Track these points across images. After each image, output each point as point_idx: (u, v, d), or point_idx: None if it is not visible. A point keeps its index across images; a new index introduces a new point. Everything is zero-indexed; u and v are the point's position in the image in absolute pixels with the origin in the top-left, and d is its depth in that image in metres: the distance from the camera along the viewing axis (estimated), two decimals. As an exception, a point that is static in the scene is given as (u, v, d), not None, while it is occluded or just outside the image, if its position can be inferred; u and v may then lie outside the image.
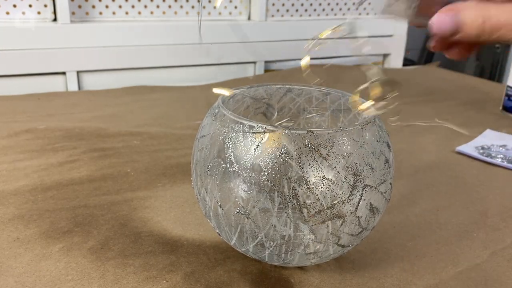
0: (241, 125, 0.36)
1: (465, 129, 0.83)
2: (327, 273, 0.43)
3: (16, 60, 0.97)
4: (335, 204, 0.36)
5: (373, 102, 0.35)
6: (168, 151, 0.70)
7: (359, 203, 0.36)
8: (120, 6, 1.07)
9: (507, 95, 0.94)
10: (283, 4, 1.23)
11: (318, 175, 0.35)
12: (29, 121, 0.79)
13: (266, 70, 1.24)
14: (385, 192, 0.39)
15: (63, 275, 0.41)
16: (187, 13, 1.14)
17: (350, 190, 0.36)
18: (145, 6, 1.09)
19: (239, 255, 0.45)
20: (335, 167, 0.35)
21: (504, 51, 1.83)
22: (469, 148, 0.74)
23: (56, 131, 0.74)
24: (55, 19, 1.00)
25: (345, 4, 1.32)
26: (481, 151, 0.73)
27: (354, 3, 1.33)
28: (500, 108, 0.96)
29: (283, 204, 0.35)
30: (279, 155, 0.35)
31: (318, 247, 0.38)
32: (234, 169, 0.36)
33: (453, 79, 1.20)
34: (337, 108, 0.48)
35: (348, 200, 0.36)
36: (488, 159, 0.70)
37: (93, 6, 1.04)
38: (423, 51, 2.17)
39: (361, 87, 0.34)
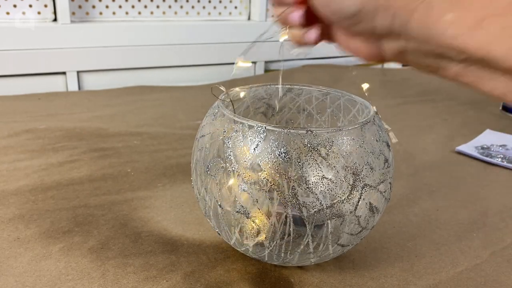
0: (241, 125, 0.36)
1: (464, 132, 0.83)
2: (327, 272, 0.43)
3: (16, 60, 0.97)
4: (334, 204, 0.36)
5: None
6: (168, 151, 0.70)
7: (358, 202, 0.36)
8: (120, 6, 1.07)
9: (507, 95, 0.94)
10: (283, 4, 1.23)
11: (317, 174, 0.35)
12: (30, 121, 0.79)
13: (266, 70, 1.24)
14: (384, 192, 0.39)
15: (63, 275, 0.41)
16: (187, 13, 1.14)
17: (350, 189, 0.36)
18: (145, 6, 1.09)
19: (239, 255, 0.45)
20: (334, 167, 0.35)
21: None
22: (469, 148, 0.74)
23: (57, 131, 0.74)
24: (55, 19, 1.00)
25: (345, 4, 1.32)
26: (481, 151, 0.73)
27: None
28: (500, 108, 0.96)
29: (283, 204, 0.35)
30: (279, 155, 0.35)
31: (317, 246, 0.38)
32: (234, 168, 0.36)
33: (453, 79, 1.19)
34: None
35: (348, 200, 0.36)
36: (488, 159, 0.70)
37: (93, 6, 1.04)
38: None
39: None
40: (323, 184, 0.35)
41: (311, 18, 0.35)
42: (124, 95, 0.99)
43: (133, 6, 1.08)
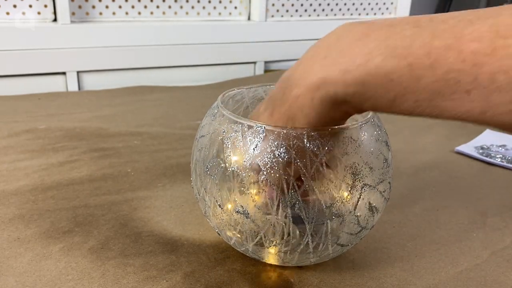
0: (240, 125, 0.36)
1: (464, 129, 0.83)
2: (326, 272, 0.43)
3: (16, 60, 0.97)
4: (334, 203, 0.36)
5: None
6: (168, 151, 0.70)
7: (358, 202, 0.36)
8: (120, 7, 1.07)
9: (507, 95, 0.94)
10: (283, 4, 1.23)
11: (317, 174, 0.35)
12: (30, 121, 0.79)
13: (266, 70, 1.24)
14: (384, 192, 0.39)
15: (63, 275, 0.41)
16: (187, 13, 1.14)
17: (349, 189, 0.36)
18: (145, 7, 1.09)
19: (238, 255, 0.45)
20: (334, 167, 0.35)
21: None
22: (468, 148, 0.74)
23: (57, 131, 0.74)
24: (55, 20, 1.00)
25: (345, 4, 1.32)
26: (480, 151, 0.73)
27: (353, 3, 1.33)
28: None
29: (282, 204, 0.35)
30: (278, 155, 0.35)
31: (317, 246, 0.38)
32: (233, 168, 0.36)
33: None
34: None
35: (347, 200, 0.36)
36: (488, 159, 0.70)
37: (93, 7, 1.04)
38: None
39: None
40: (322, 184, 0.35)
41: None
42: (124, 95, 0.99)
43: (133, 6, 1.08)
